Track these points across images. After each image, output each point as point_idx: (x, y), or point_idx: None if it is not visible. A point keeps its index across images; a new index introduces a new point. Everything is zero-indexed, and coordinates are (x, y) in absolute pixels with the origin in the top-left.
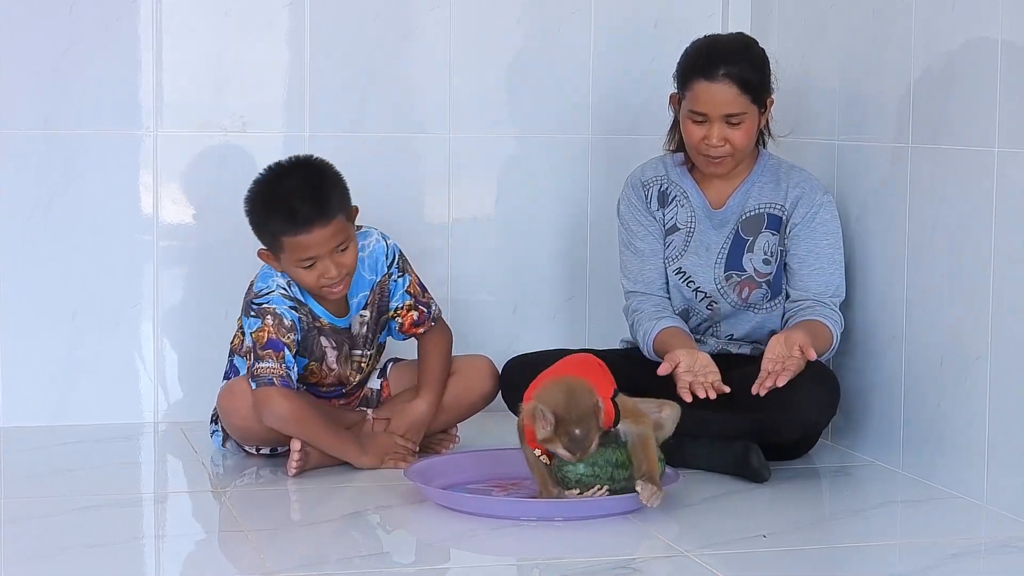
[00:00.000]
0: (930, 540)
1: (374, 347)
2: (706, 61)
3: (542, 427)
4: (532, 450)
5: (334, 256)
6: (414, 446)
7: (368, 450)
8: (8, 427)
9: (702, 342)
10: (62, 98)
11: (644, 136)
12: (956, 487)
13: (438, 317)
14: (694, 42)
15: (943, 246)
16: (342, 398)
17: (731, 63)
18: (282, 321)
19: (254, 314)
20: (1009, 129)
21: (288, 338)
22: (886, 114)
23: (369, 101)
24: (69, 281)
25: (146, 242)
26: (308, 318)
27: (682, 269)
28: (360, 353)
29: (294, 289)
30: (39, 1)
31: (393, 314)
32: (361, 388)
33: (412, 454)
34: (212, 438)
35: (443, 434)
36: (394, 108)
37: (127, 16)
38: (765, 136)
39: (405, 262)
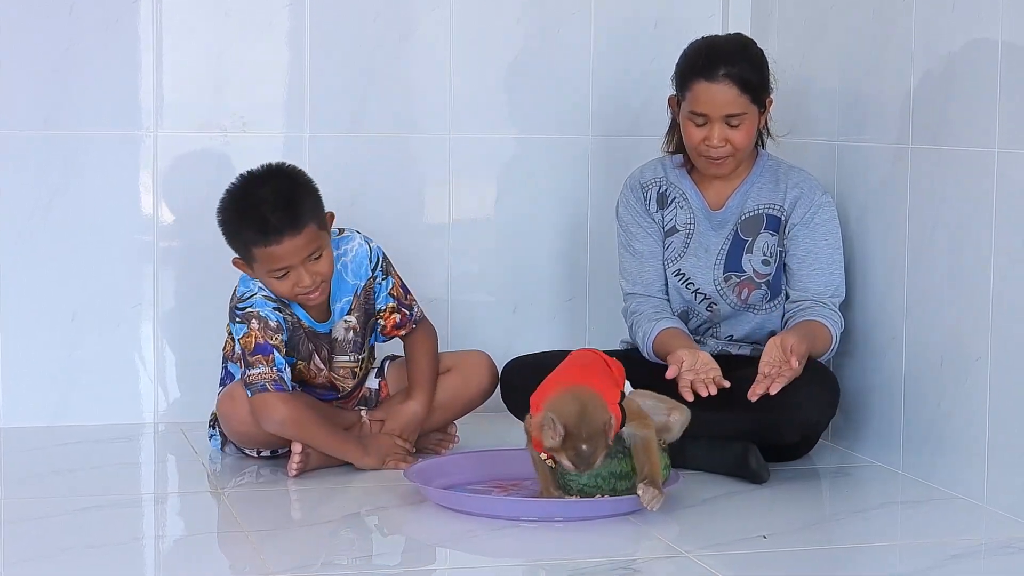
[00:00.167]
0: (930, 541)
1: (365, 351)
2: (706, 62)
3: (551, 437)
4: (538, 453)
5: (307, 265)
6: (410, 447)
7: (370, 451)
8: (8, 427)
9: (702, 343)
10: (62, 98)
11: (644, 137)
12: (956, 488)
13: (421, 318)
14: (692, 43)
15: (943, 246)
16: (340, 400)
17: (731, 63)
18: (267, 323)
19: (239, 319)
20: (1009, 129)
21: (276, 339)
22: (886, 114)
23: (369, 101)
24: (69, 281)
25: (146, 242)
26: (292, 319)
27: (681, 271)
28: (347, 359)
29: None
30: (39, 1)
31: (376, 316)
32: (359, 389)
33: (409, 454)
34: (210, 442)
35: (443, 434)
36: (394, 108)
37: (127, 16)
38: (764, 136)
39: (388, 264)
